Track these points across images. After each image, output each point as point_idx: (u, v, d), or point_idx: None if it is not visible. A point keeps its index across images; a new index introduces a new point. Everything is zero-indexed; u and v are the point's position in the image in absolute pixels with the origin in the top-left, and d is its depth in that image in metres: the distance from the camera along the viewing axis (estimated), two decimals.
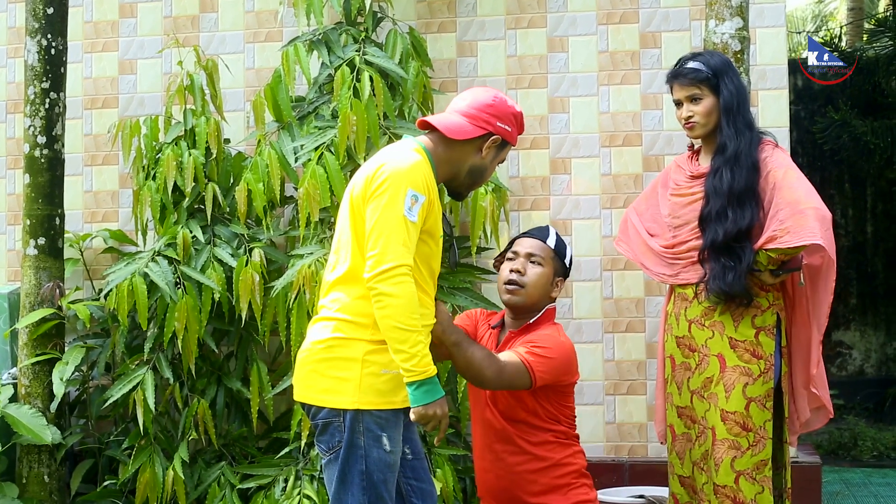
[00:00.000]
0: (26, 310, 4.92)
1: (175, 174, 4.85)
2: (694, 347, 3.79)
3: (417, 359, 2.95)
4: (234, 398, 5.01)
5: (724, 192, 3.69)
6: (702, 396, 3.74)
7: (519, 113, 3.31)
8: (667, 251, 3.92)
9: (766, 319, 3.72)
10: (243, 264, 4.68)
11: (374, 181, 3.03)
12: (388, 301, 2.93)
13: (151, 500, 4.70)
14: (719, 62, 3.82)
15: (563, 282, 3.78)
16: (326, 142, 4.70)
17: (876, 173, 8.52)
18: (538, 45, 5.27)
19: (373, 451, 3.03)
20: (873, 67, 8.50)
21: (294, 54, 4.88)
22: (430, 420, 3.02)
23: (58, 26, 5.02)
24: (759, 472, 3.67)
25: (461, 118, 3.22)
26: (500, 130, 3.24)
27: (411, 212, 3.00)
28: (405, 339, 2.93)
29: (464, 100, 3.28)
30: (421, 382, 2.97)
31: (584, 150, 5.20)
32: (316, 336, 3.11)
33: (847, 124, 7.89)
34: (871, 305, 8.81)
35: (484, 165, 3.27)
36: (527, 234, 3.81)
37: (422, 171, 3.07)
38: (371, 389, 3.02)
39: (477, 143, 3.23)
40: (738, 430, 3.67)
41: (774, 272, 3.68)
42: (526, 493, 3.62)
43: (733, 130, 3.74)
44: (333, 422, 3.04)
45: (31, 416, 4.71)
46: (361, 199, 3.06)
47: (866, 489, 6.22)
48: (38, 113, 4.96)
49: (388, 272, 2.93)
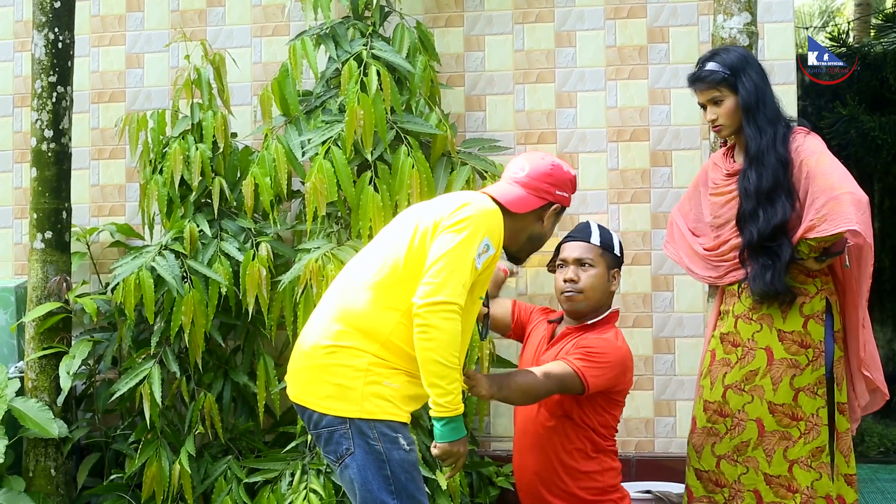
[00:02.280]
0: (33, 303, 4.92)
1: (182, 168, 4.85)
2: (738, 342, 3.77)
3: (451, 396, 2.94)
4: (240, 392, 5.01)
5: (753, 193, 3.68)
6: (741, 390, 3.73)
7: (574, 177, 3.35)
8: (711, 253, 3.90)
9: (815, 306, 3.70)
10: (250, 258, 4.67)
11: (456, 215, 3.02)
12: (434, 334, 2.91)
13: (158, 494, 4.70)
14: (736, 58, 3.77)
15: (620, 272, 3.80)
16: (333, 136, 4.69)
17: (883, 169, 8.49)
18: (546, 39, 5.26)
19: (393, 454, 3.00)
20: (881, 63, 8.46)
21: (301, 48, 4.88)
22: (451, 457, 3.03)
23: (65, 20, 5.02)
24: (815, 460, 3.66)
25: (521, 190, 3.24)
26: (560, 199, 3.29)
27: (480, 258, 3.00)
28: (444, 375, 2.92)
29: (522, 169, 3.29)
30: (450, 419, 2.97)
31: (592, 144, 5.19)
32: (320, 337, 3.08)
33: (855, 120, 7.87)
34: (878, 301, 8.79)
35: (543, 232, 3.31)
36: (570, 238, 3.82)
37: (499, 225, 3.10)
38: (374, 400, 3.00)
39: (538, 212, 3.26)
40: (788, 421, 3.67)
41: (818, 258, 3.66)
42: (549, 493, 3.66)
43: (755, 129, 3.71)
44: (339, 429, 3.01)
45: (37, 410, 4.71)
46: (432, 227, 3.04)
47: (873, 485, 6.21)
48: (45, 107, 4.95)
49: (440, 305, 2.91)
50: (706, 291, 4.29)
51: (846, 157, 8.30)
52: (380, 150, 4.70)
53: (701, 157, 5.01)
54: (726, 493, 3.76)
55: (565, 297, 3.71)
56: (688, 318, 5.06)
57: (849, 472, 3.75)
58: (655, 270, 5.07)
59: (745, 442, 3.72)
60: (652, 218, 5.10)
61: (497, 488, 4.89)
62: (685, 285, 4.99)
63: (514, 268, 4.11)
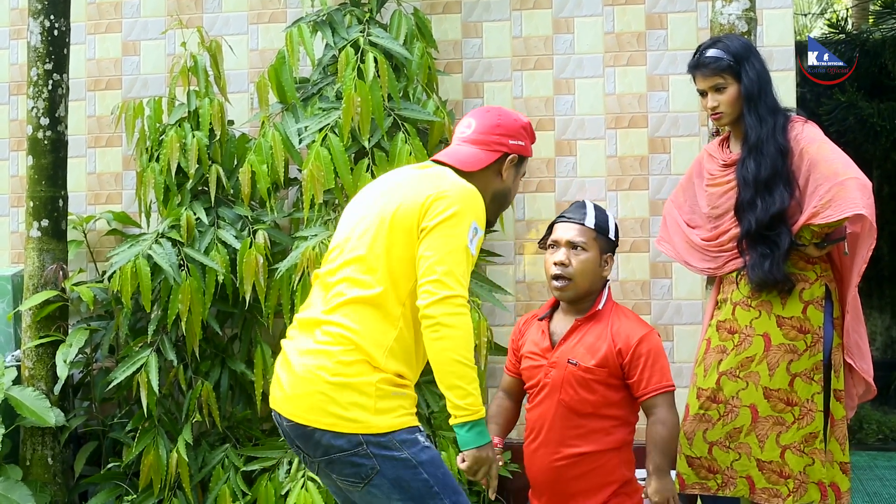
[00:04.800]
0: (30, 292, 4.91)
1: (178, 156, 4.83)
2: (735, 329, 3.76)
3: (472, 398, 2.79)
4: (237, 380, 5.00)
5: (752, 182, 3.66)
6: (735, 376, 3.71)
7: (527, 123, 3.19)
8: (709, 244, 3.88)
9: (815, 292, 3.69)
10: (247, 246, 4.66)
11: (437, 205, 2.85)
12: (448, 332, 2.76)
13: (155, 483, 4.70)
14: (740, 47, 3.74)
15: (613, 257, 3.73)
16: (330, 123, 4.67)
17: (882, 155, 8.50)
18: (543, 26, 5.24)
19: (420, 456, 2.84)
20: (880, 49, 8.43)
21: (298, 35, 4.86)
22: (482, 465, 2.88)
23: (60, 7, 5.00)
24: (807, 445, 3.65)
25: (471, 148, 3.09)
26: (515, 148, 3.12)
27: (472, 243, 2.86)
28: (463, 374, 2.77)
29: (469, 126, 3.14)
30: (474, 423, 2.82)
31: (590, 131, 5.17)
32: (318, 359, 2.86)
33: (853, 106, 7.85)
34: (877, 288, 8.79)
35: (507, 187, 3.15)
36: (565, 218, 3.72)
37: (481, 203, 2.94)
38: (386, 412, 2.81)
39: (494, 167, 3.10)
40: (782, 406, 3.66)
41: (819, 245, 3.66)
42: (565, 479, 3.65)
43: (755, 118, 3.69)
44: (357, 450, 2.81)
45: (34, 399, 4.70)
46: (411, 222, 2.87)
47: (871, 472, 6.21)
48: (41, 94, 4.94)
49: (447, 300, 2.76)
50: (704, 279, 4.28)
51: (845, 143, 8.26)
52: (377, 138, 4.69)
53: (699, 144, 5.00)
54: (719, 480, 3.75)
55: (555, 285, 3.65)
56: (686, 305, 5.05)
57: (843, 459, 3.74)
58: (654, 258, 5.06)
59: (738, 428, 3.71)
60: (650, 205, 5.09)
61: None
62: (683, 273, 4.97)
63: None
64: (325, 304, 2.94)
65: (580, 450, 3.59)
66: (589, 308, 3.68)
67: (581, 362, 3.57)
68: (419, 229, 2.86)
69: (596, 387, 3.57)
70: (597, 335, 3.62)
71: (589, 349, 3.59)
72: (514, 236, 5.18)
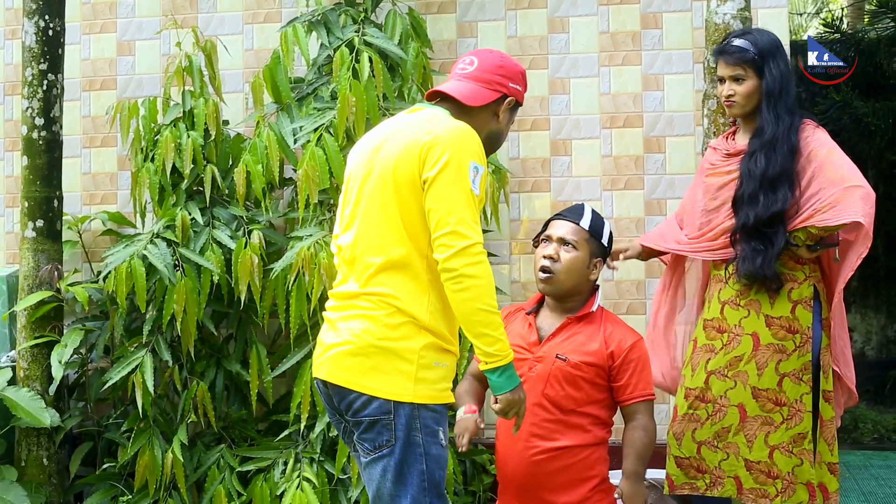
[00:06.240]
0: (25, 292, 4.90)
1: (174, 156, 4.83)
2: (724, 328, 3.77)
3: (501, 343, 2.83)
4: (233, 381, 5.00)
5: (758, 177, 3.67)
6: (724, 375, 3.72)
7: (524, 71, 3.21)
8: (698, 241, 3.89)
9: (803, 292, 3.70)
10: (242, 246, 4.66)
11: (433, 153, 2.84)
12: (470, 283, 2.76)
13: (150, 483, 4.69)
14: (768, 42, 3.75)
15: (602, 262, 3.73)
16: (325, 123, 4.67)
17: (877, 155, 8.48)
18: (539, 25, 5.24)
19: (432, 449, 2.88)
20: (875, 49, 8.44)
21: (293, 35, 4.85)
22: (514, 406, 2.94)
23: (55, 7, 5.00)
24: (796, 446, 3.66)
25: (473, 84, 3.08)
26: (514, 91, 3.14)
27: (475, 184, 2.84)
28: (489, 322, 2.80)
29: (471, 63, 3.12)
30: (504, 368, 2.87)
31: (585, 131, 5.17)
32: (364, 322, 2.90)
33: (848, 105, 7.85)
34: (873, 288, 8.79)
35: (500, 129, 3.16)
36: (561, 216, 3.74)
37: (476, 139, 2.91)
38: (426, 382, 2.87)
39: (492, 107, 3.10)
40: (771, 406, 3.66)
41: (811, 247, 3.67)
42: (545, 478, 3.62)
43: (773, 116, 3.70)
44: (382, 419, 2.85)
45: (29, 399, 4.69)
46: (413, 175, 2.86)
47: (867, 472, 6.21)
48: (36, 94, 4.93)
49: (465, 251, 2.76)
50: (695, 279, 4.26)
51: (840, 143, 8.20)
52: None
53: (695, 144, 5.01)
54: (707, 480, 3.76)
55: (540, 277, 3.65)
56: None
57: (832, 460, 3.75)
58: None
59: (727, 428, 3.72)
60: (645, 204, 5.09)
61: (490, 476, 4.88)
62: None
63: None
64: (357, 277, 2.98)
65: (559, 444, 3.56)
66: (578, 308, 3.68)
67: (570, 359, 3.57)
68: (422, 181, 2.85)
69: (582, 384, 3.57)
70: (589, 335, 3.62)
71: (580, 347, 3.60)
72: (510, 236, 5.18)
